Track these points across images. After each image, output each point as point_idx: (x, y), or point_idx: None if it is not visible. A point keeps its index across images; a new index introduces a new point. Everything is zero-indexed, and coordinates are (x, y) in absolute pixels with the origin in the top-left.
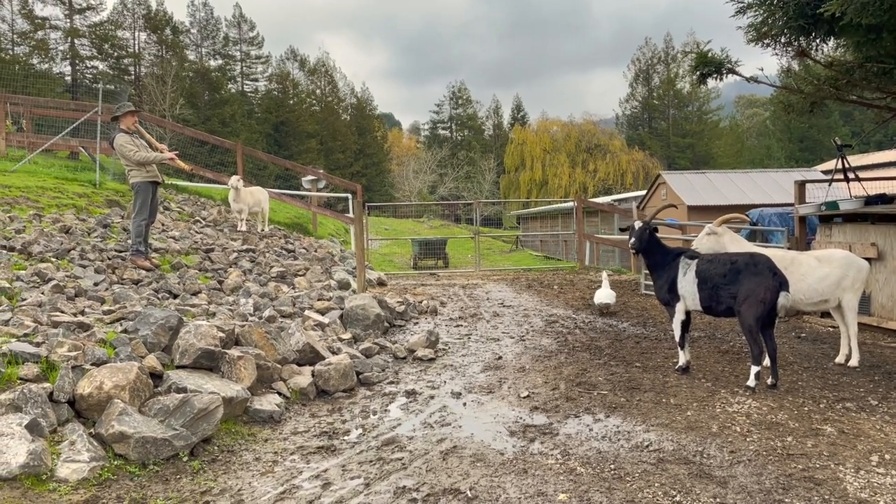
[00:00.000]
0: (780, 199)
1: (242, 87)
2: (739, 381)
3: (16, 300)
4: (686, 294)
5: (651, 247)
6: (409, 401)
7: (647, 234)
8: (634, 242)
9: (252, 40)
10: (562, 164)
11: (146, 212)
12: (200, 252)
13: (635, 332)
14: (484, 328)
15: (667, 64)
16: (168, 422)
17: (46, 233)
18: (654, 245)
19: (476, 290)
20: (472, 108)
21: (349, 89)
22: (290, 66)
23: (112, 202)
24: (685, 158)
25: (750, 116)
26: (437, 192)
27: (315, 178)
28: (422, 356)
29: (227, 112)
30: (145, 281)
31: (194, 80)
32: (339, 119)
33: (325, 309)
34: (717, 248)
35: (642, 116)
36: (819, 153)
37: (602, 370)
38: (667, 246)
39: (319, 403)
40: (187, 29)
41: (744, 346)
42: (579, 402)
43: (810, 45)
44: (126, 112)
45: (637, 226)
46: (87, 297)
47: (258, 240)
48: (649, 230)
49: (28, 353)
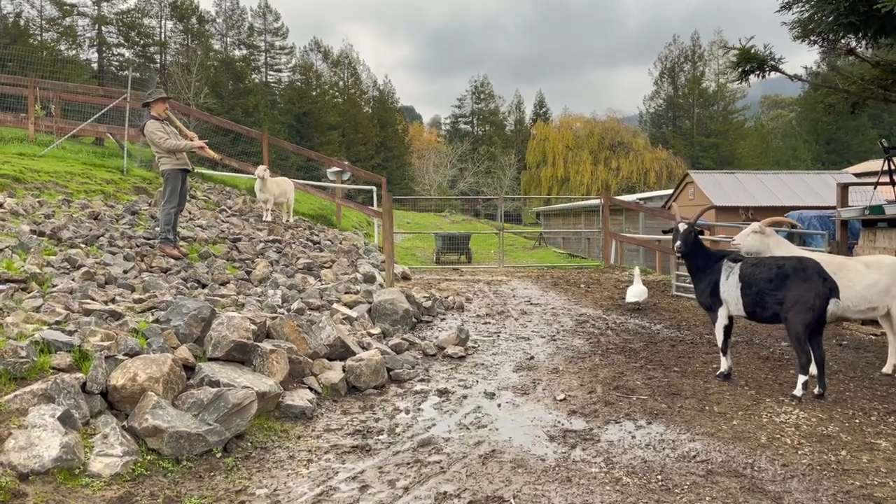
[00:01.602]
0: (811, 201)
1: (266, 77)
2: (784, 390)
3: (46, 286)
4: (729, 298)
5: (694, 250)
6: (441, 400)
7: (693, 237)
8: (680, 246)
9: (277, 31)
10: (584, 161)
11: (175, 199)
12: (227, 241)
13: (670, 335)
14: (513, 326)
15: (693, 62)
16: (202, 416)
17: (76, 218)
18: (696, 248)
19: (501, 286)
20: (494, 102)
21: (372, 82)
22: (313, 57)
23: (139, 189)
24: (709, 158)
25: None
26: (456, 187)
27: (340, 169)
28: (452, 354)
29: (250, 102)
30: (174, 269)
31: (219, 69)
32: (360, 111)
33: (353, 303)
34: (761, 249)
35: (667, 115)
36: (846, 155)
37: (639, 374)
38: (709, 248)
39: (351, 400)
40: (213, 18)
41: (785, 353)
42: (618, 406)
43: (859, 43)
44: (157, 98)
45: (682, 228)
46: (117, 285)
47: (283, 230)
48: (695, 233)
49: (61, 342)
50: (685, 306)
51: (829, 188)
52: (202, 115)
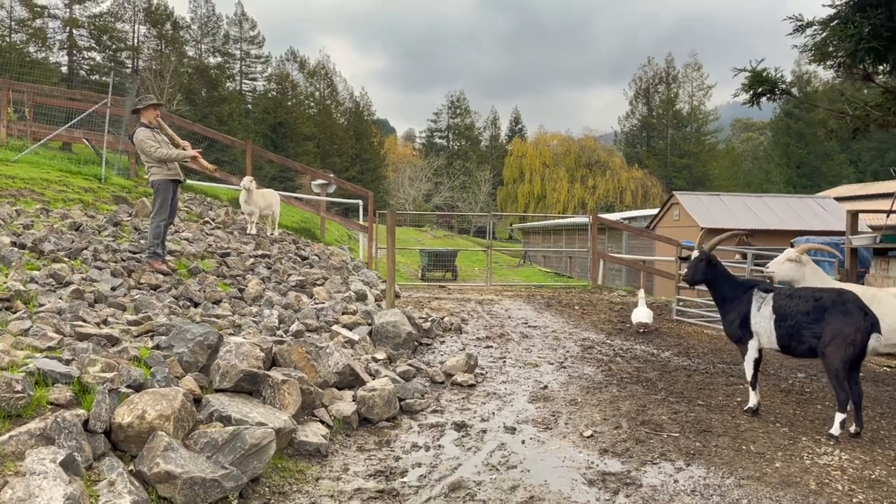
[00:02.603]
0: (794, 225)
1: (241, 86)
2: (816, 427)
3: (33, 305)
4: (761, 331)
5: (714, 278)
6: (461, 435)
7: (703, 266)
8: (687, 274)
9: (253, 39)
10: (561, 178)
11: (166, 212)
12: (216, 256)
13: (683, 364)
14: (517, 351)
15: (667, 84)
16: (216, 458)
17: (56, 229)
18: (719, 277)
19: (494, 306)
20: (470, 118)
21: (348, 93)
22: (289, 67)
23: (119, 198)
24: (682, 179)
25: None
26: (431, 201)
27: (325, 182)
28: (462, 382)
29: (224, 110)
30: (164, 287)
31: (193, 76)
32: (336, 123)
33: (353, 324)
34: (796, 278)
35: (641, 135)
36: (816, 179)
37: (662, 407)
38: (735, 277)
39: (364, 434)
40: (188, 25)
41: (805, 385)
42: (650, 444)
43: (876, 68)
44: (148, 105)
45: (693, 256)
46: (108, 304)
47: (270, 244)
48: (705, 261)
49: (58, 373)
50: (688, 331)
51: (812, 212)
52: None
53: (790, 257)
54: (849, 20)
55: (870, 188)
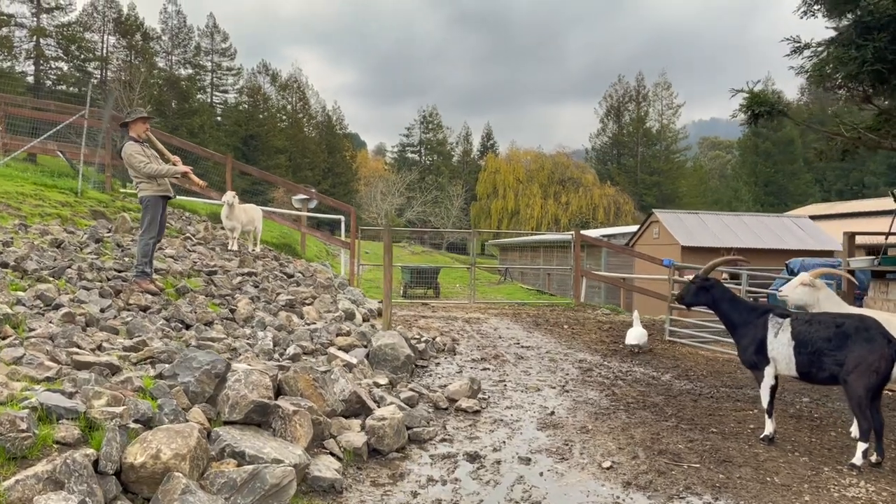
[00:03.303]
0: (772, 244)
1: (212, 98)
2: (835, 455)
3: (22, 329)
4: (779, 357)
5: (715, 303)
6: (475, 467)
7: (694, 289)
8: (676, 294)
9: (224, 51)
10: (534, 194)
11: (155, 229)
12: (203, 275)
13: (686, 388)
14: (515, 374)
15: (638, 102)
16: (234, 500)
17: (37, 246)
18: (724, 301)
19: (482, 325)
20: (442, 133)
21: (320, 107)
22: (261, 79)
23: (97, 213)
24: (652, 196)
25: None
26: (404, 216)
27: (306, 197)
28: (466, 408)
29: (195, 122)
30: (154, 308)
31: (163, 87)
32: (308, 136)
33: (349, 346)
34: (809, 302)
35: (612, 152)
36: (783, 198)
37: (676, 435)
38: (747, 302)
39: (375, 467)
40: (158, 36)
41: (813, 410)
42: (672, 477)
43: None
44: (137, 118)
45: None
46: (100, 328)
47: (253, 261)
48: (699, 286)
49: (63, 408)
50: (683, 352)
51: (789, 231)
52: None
53: (804, 281)
54: (852, 43)
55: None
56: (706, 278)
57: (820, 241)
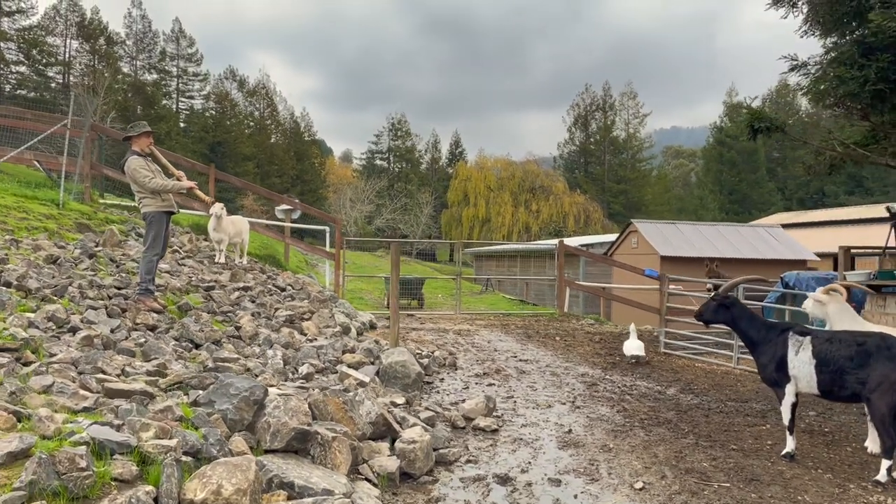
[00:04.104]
0: (748, 254)
1: (178, 104)
2: (855, 471)
3: (42, 354)
4: (800, 375)
5: (735, 320)
6: (509, 490)
7: (714, 306)
8: (697, 312)
9: (190, 57)
10: (505, 202)
11: (159, 246)
12: (201, 290)
13: (693, 402)
14: (521, 389)
15: (604, 111)
16: None
17: (33, 263)
18: (743, 319)
19: (474, 337)
20: (411, 140)
21: (288, 113)
22: (228, 85)
23: (82, 226)
24: (619, 204)
25: (677, 167)
26: (374, 224)
27: (290, 207)
28: (484, 427)
29: (161, 129)
30: (162, 327)
31: (127, 93)
32: (276, 143)
33: (357, 364)
34: (820, 317)
35: (579, 160)
36: (747, 206)
37: (698, 453)
38: (766, 320)
39: (409, 492)
40: (122, 40)
41: (823, 424)
42: (706, 497)
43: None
44: (141, 132)
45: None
46: (116, 350)
47: (245, 274)
48: (719, 303)
49: (114, 442)
50: (680, 365)
51: (762, 240)
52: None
53: (816, 298)
54: (854, 62)
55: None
56: (727, 296)
57: (794, 250)
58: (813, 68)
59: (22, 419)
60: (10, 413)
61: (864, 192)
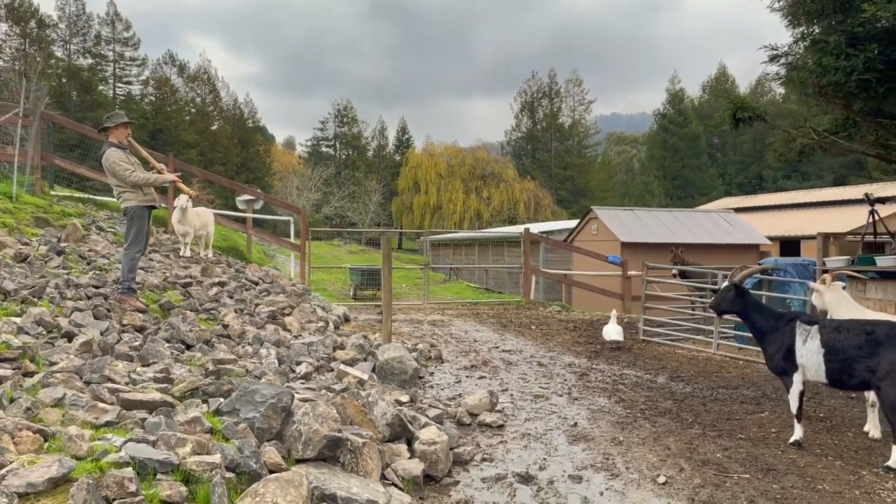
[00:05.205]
0: (705, 239)
1: (115, 90)
2: (863, 457)
3: (40, 363)
4: (808, 364)
5: (745, 309)
6: (535, 489)
7: (731, 296)
8: (713, 302)
9: (127, 41)
10: (456, 189)
11: (142, 241)
12: (178, 287)
13: (686, 390)
14: (513, 381)
15: (551, 98)
16: None
17: (2, 262)
18: (751, 307)
19: (450, 328)
20: (357, 127)
21: (232, 99)
22: (167, 70)
23: (40, 220)
24: (565, 190)
25: (619, 153)
26: (322, 212)
27: (252, 198)
28: (490, 422)
29: (99, 115)
30: (150, 328)
31: (62, 78)
32: (220, 130)
33: (351, 360)
34: (819, 306)
35: (527, 147)
36: (690, 191)
37: (708, 443)
38: (773, 309)
39: (435, 495)
40: (55, 23)
41: (818, 410)
42: (730, 490)
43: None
44: (119, 123)
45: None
46: (115, 356)
47: (214, 268)
48: (734, 291)
49: (156, 461)
50: (662, 352)
51: (718, 225)
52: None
53: (813, 287)
54: (842, 52)
55: (754, 200)
56: (739, 285)
57: (748, 235)
58: (791, 58)
59: (48, 438)
60: (34, 433)
61: (801, 177)
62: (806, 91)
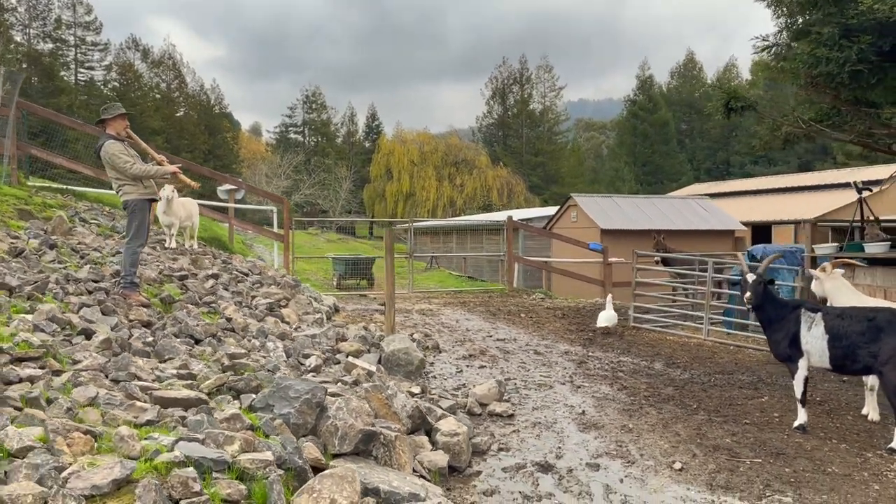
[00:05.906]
0: (683, 225)
1: (76, 75)
2: (865, 440)
3: (64, 362)
4: (813, 350)
5: (767, 299)
6: (556, 478)
7: (763, 288)
8: (751, 297)
9: (88, 25)
10: (429, 176)
11: (143, 235)
12: (175, 280)
13: (684, 377)
14: (514, 370)
15: (521, 85)
16: None
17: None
18: (769, 299)
19: (440, 317)
20: (326, 113)
21: (198, 85)
22: (131, 55)
23: (24, 212)
24: (536, 176)
25: (588, 139)
26: (292, 199)
27: (234, 187)
28: (500, 412)
29: (62, 102)
30: (157, 323)
31: (22, 63)
32: (186, 116)
33: (356, 352)
34: (819, 294)
35: (498, 134)
36: (660, 176)
37: (716, 429)
38: (781, 298)
39: (460, 486)
40: (13, 7)
41: (814, 394)
42: (745, 475)
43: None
44: (116, 115)
45: (751, 279)
46: (132, 352)
47: (203, 259)
48: (764, 283)
49: (211, 460)
50: (653, 338)
51: (694, 212)
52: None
53: (813, 274)
54: (835, 43)
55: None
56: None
57: (724, 221)
58: (781, 48)
59: (97, 438)
60: (84, 433)
61: (767, 163)
62: (798, 81)
